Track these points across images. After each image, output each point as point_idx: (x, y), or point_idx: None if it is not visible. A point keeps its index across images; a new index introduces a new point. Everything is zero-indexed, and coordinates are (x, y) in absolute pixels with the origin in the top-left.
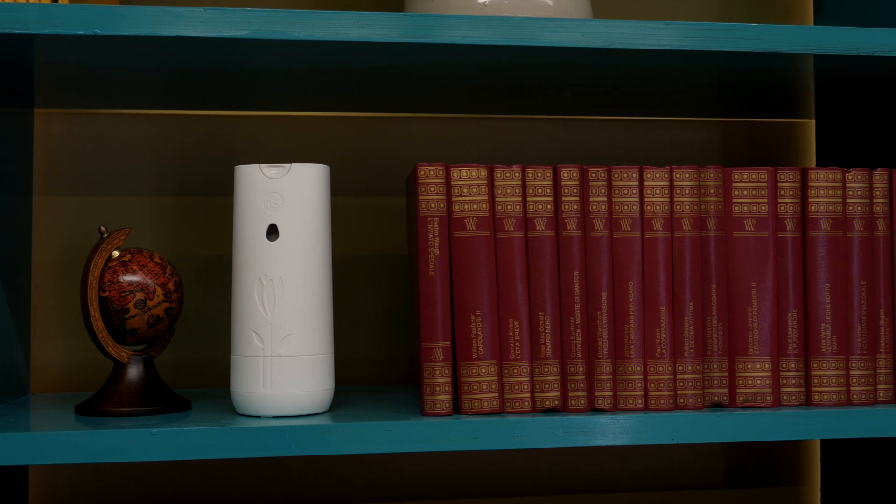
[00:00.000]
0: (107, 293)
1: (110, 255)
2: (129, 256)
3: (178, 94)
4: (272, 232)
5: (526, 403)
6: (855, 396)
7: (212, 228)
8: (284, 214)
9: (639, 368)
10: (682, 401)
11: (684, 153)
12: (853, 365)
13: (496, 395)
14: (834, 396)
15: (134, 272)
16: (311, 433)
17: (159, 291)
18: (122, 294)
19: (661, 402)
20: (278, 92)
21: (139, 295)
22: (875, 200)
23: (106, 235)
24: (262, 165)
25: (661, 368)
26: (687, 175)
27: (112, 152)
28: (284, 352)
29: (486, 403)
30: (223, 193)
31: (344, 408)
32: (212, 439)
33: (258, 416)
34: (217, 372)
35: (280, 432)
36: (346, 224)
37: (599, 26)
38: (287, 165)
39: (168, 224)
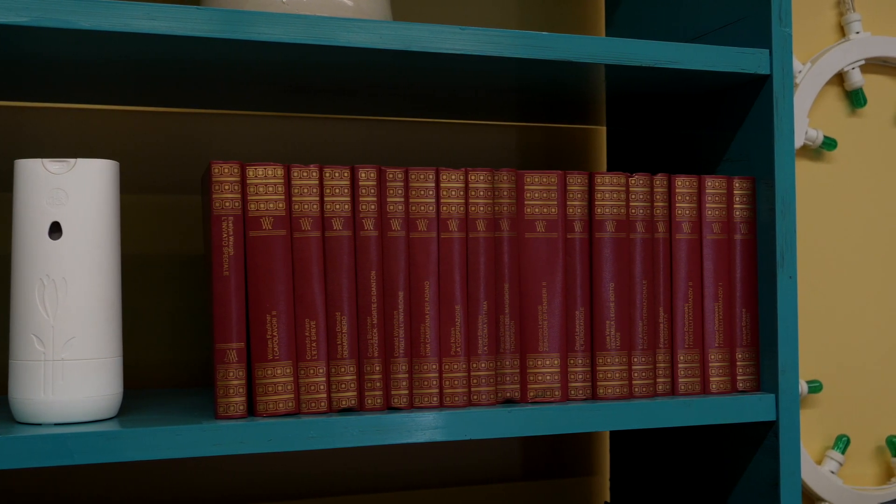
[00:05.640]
0: None
1: None
2: None
3: None
4: (55, 230)
5: (322, 404)
6: (637, 390)
7: None
8: (68, 212)
9: (434, 367)
10: (475, 397)
11: (482, 156)
12: (635, 360)
13: (292, 395)
14: (618, 390)
15: None
16: (95, 440)
17: None
18: None
19: (456, 399)
20: (65, 83)
21: None
22: (656, 204)
23: None
24: (45, 160)
25: (455, 366)
26: (481, 177)
27: None
28: (68, 356)
29: (281, 405)
30: (2, 189)
31: (134, 413)
32: None
33: (39, 424)
34: None
35: (62, 440)
36: (138, 223)
37: (398, 28)
38: (72, 160)
39: None
